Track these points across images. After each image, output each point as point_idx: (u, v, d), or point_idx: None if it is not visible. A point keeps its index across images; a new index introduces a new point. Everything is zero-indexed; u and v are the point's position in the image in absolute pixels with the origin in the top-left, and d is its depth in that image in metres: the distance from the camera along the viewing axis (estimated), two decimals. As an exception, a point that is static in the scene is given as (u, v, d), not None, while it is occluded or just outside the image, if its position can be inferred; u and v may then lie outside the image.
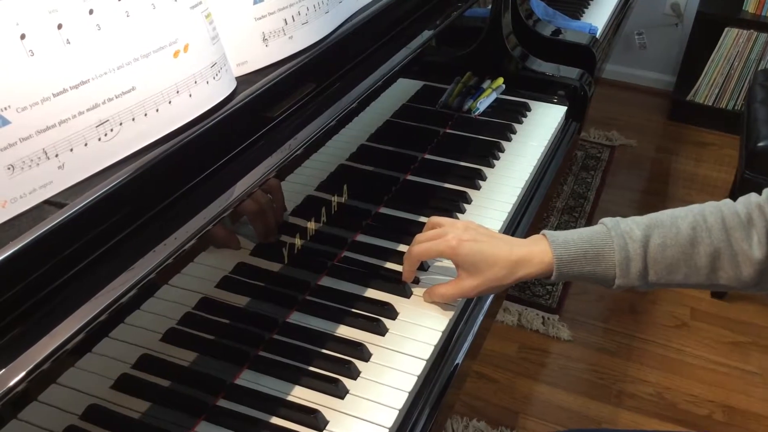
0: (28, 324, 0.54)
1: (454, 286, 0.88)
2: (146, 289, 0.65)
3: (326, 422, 0.75)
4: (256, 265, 0.84)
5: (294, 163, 0.84)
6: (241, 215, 0.79)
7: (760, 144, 1.97)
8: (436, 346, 0.85)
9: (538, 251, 0.84)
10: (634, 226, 0.82)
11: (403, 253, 0.93)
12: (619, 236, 0.82)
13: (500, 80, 1.42)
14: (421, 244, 0.89)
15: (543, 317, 2.02)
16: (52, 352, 0.53)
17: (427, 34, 1.09)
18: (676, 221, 0.82)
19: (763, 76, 2.35)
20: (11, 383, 0.51)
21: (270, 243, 0.86)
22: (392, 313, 0.89)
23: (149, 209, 0.64)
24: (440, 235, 0.88)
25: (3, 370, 0.51)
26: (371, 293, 0.92)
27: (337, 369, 0.80)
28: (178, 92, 0.64)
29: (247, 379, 0.80)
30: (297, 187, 0.89)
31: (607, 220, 0.85)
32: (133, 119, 0.60)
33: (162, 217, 0.65)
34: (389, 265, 0.97)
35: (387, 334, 0.86)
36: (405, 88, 1.17)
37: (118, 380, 0.67)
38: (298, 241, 0.90)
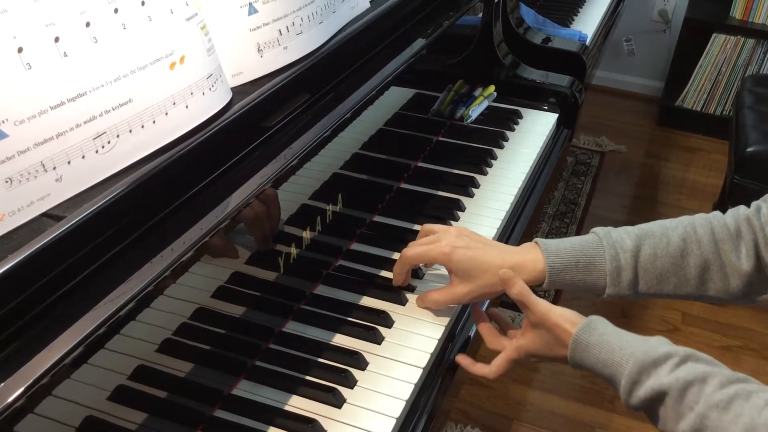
0: (27, 338, 0.53)
1: (446, 292, 0.88)
2: (143, 300, 0.65)
3: (324, 432, 0.76)
4: (252, 275, 0.84)
5: (289, 173, 0.84)
6: (236, 225, 0.79)
7: (749, 149, 1.99)
8: (432, 354, 0.85)
9: (531, 259, 0.85)
10: (625, 236, 0.83)
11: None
12: (611, 246, 0.82)
13: (492, 88, 1.43)
14: (414, 249, 0.89)
15: (536, 323, 2.02)
16: (50, 366, 0.53)
17: (420, 42, 1.10)
18: (666, 232, 0.83)
19: (751, 82, 2.38)
20: (9, 399, 0.50)
21: (265, 252, 0.86)
22: (388, 321, 0.89)
23: (146, 221, 0.64)
24: (434, 241, 0.88)
25: (0, 385, 0.51)
26: (367, 301, 0.92)
27: (335, 378, 0.81)
28: (174, 104, 0.64)
29: (244, 389, 0.80)
30: (292, 196, 0.89)
31: (599, 230, 0.85)
32: (130, 131, 0.60)
33: (159, 229, 0.65)
34: (384, 274, 0.97)
35: (383, 343, 0.86)
36: (397, 97, 1.17)
37: (115, 391, 0.66)
38: (293, 250, 0.90)
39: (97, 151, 0.58)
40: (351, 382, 0.80)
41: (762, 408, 0.63)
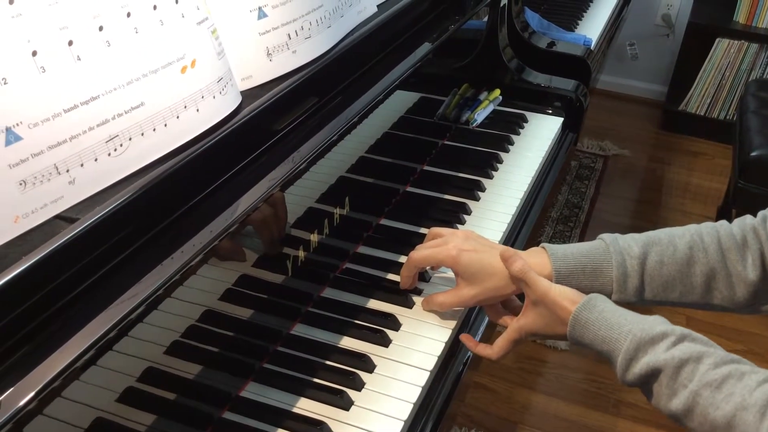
0: (38, 340, 0.54)
1: (452, 295, 0.89)
2: (152, 302, 0.65)
3: (332, 434, 0.76)
4: (259, 277, 0.85)
5: (297, 176, 0.85)
6: (244, 228, 0.79)
7: (753, 153, 1.99)
8: (439, 357, 0.85)
9: (537, 263, 0.85)
10: (632, 242, 0.83)
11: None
12: (618, 252, 0.83)
13: (497, 92, 1.43)
14: (422, 251, 0.90)
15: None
16: (62, 370, 0.53)
17: (426, 47, 1.11)
18: (673, 240, 0.83)
19: (755, 86, 2.38)
20: (21, 403, 0.51)
21: (273, 255, 0.87)
22: (395, 324, 0.89)
23: (157, 223, 0.64)
24: (441, 244, 0.89)
25: (11, 389, 0.51)
26: (374, 304, 0.93)
27: (342, 380, 0.81)
28: (185, 107, 0.64)
29: (252, 391, 0.80)
30: (299, 199, 0.90)
31: (606, 236, 0.86)
32: (142, 134, 0.61)
33: (169, 231, 0.65)
34: (391, 277, 0.98)
35: (391, 346, 0.87)
36: (403, 100, 1.18)
37: (124, 393, 0.67)
38: (300, 253, 0.91)
39: (109, 154, 0.58)
40: (359, 385, 0.81)
41: (753, 388, 0.65)
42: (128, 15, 0.59)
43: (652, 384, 0.71)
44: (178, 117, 0.64)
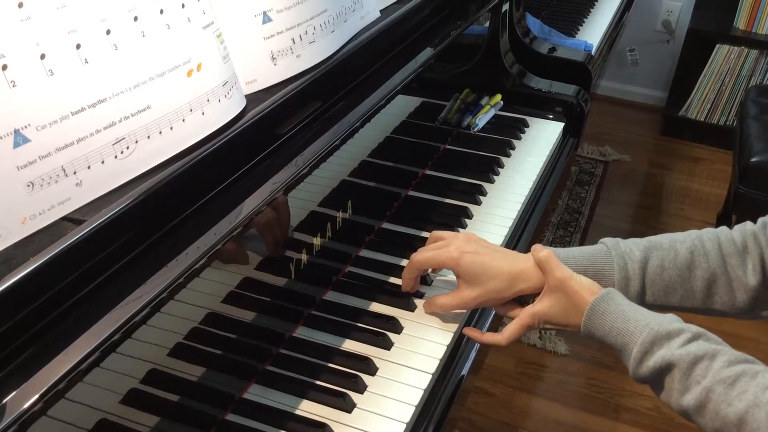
0: (44, 342, 0.54)
1: (453, 297, 0.89)
2: (156, 305, 0.65)
3: (334, 436, 0.76)
4: (262, 280, 0.85)
5: (299, 179, 0.85)
6: (247, 230, 0.80)
7: (753, 159, 2.00)
8: (441, 360, 0.86)
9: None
10: (633, 247, 0.84)
11: (406, 267, 0.94)
12: (619, 256, 0.83)
13: (498, 97, 1.44)
14: (423, 253, 0.90)
15: (540, 331, 2.03)
16: (67, 372, 0.54)
17: (428, 52, 1.11)
18: (674, 245, 0.84)
19: (755, 92, 2.39)
20: (26, 405, 0.51)
21: (275, 258, 0.87)
22: (397, 327, 0.89)
23: (162, 226, 0.64)
24: (443, 246, 0.89)
25: (17, 390, 0.51)
26: (376, 307, 0.93)
27: (345, 383, 0.81)
28: (191, 110, 0.65)
29: (255, 393, 0.80)
30: (302, 203, 0.90)
31: (608, 240, 0.86)
32: (149, 137, 0.61)
33: (174, 234, 0.65)
34: (393, 280, 0.98)
35: (393, 348, 0.87)
36: (405, 105, 1.18)
37: (127, 395, 0.67)
38: (303, 256, 0.91)
39: (116, 157, 0.59)
40: (361, 387, 0.81)
41: (766, 387, 0.66)
42: (135, 19, 0.60)
43: (665, 378, 0.72)
44: (183, 120, 0.64)
